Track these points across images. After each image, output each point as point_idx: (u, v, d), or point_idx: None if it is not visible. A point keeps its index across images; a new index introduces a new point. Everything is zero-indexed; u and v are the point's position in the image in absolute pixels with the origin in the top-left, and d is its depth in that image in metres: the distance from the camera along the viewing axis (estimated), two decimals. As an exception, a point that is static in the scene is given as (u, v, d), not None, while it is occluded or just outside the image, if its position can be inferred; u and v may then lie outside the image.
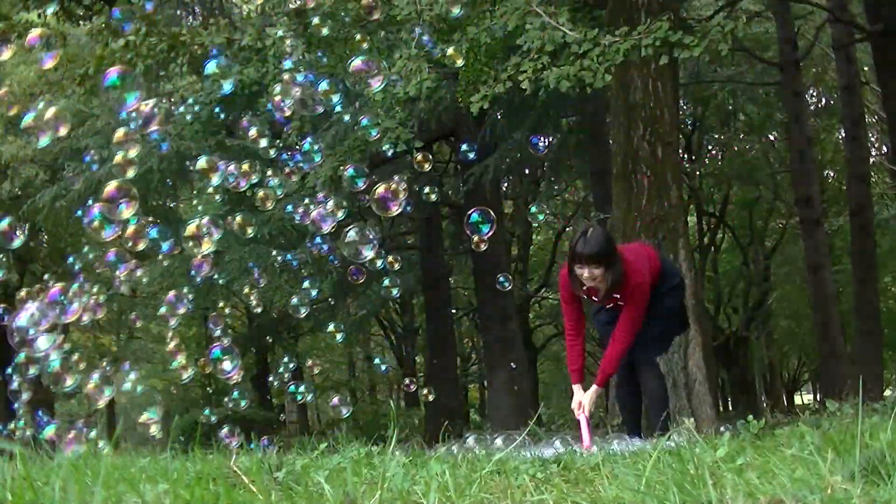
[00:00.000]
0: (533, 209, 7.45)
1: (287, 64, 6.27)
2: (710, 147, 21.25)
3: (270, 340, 19.69)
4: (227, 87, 4.51)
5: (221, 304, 9.32)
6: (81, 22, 12.67)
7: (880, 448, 1.89)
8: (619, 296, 4.43)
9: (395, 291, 7.02)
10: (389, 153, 7.15)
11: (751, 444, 2.91)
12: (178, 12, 12.46)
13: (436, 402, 14.74)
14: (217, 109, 8.11)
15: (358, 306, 18.11)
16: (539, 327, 24.38)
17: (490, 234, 4.76)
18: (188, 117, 7.75)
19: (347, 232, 3.67)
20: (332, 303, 15.76)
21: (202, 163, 4.45)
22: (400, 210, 4.12)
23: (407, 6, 5.70)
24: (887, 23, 10.04)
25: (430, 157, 6.08)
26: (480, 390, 28.09)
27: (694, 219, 19.96)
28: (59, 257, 20.83)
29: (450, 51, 5.66)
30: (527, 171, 14.33)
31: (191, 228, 3.63)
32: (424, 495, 1.96)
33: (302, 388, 6.79)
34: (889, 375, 24.17)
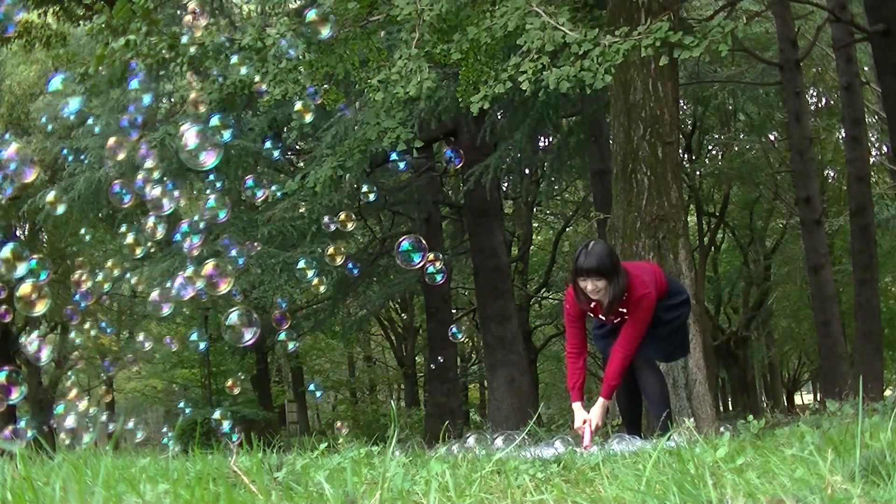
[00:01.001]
0: (454, 330, 7.46)
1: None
2: (710, 147, 21.26)
3: (271, 341, 19.67)
4: (74, 105, 4.38)
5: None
6: (81, 22, 12.66)
7: (880, 448, 1.89)
8: (624, 310, 4.46)
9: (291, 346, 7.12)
10: (396, 157, 7.15)
11: (751, 444, 2.91)
12: (179, 12, 12.45)
13: (436, 402, 14.76)
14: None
15: (358, 306, 18.11)
16: (539, 327, 24.38)
17: (421, 263, 4.72)
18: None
19: (230, 314, 3.64)
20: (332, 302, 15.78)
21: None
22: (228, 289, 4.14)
23: (407, 6, 5.70)
24: (887, 23, 10.04)
25: (353, 216, 6.03)
26: (480, 390, 28.10)
27: (694, 219, 19.97)
28: (59, 257, 20.86)
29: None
30: (527, 171, 14.33)
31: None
32: (424, 495, 1.96)
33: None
34: (889, 375, 24.17)
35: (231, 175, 11.38)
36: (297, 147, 14.20)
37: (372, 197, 7.98)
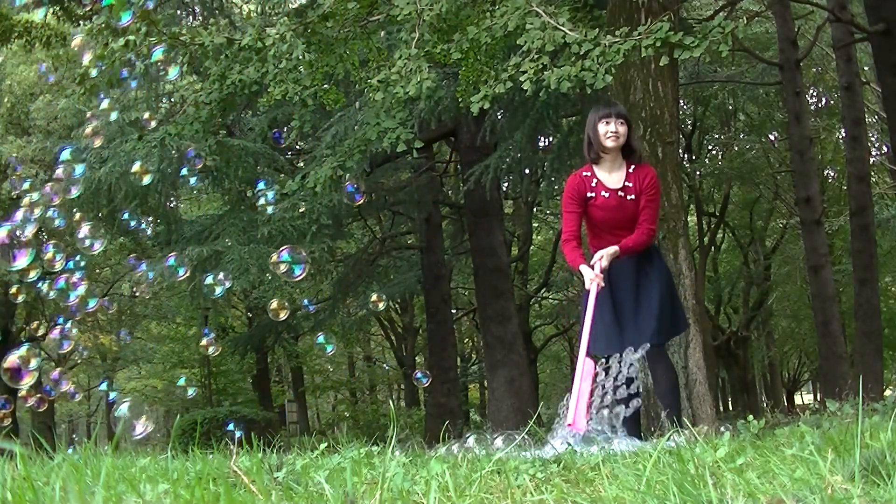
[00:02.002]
0: (321, 339, 7.42)
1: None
2: (710, 147, 21.26)
3: (270, 341, 19.69)
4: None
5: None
6: (81, 22, 12.66)
7: (880, 448, 1.89)
8: (630, 184, 4.52)
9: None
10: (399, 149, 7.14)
11: (751, 444, 2.91)
12: (178, 12, 12.45)
13: (436, 402, 14.76)
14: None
15: (358, 306, 18.12)
16: (539, 327, 24.38)
17: (302, 275, 4.69)
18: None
19: (120, 404, 3.63)
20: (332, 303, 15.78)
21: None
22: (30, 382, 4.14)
23: (407, 6, 5.70)
24: (887, 23, 10.04)
25: (286, 305, 5.98)
26: (480, 390, 28.11)
27: (694, 219, 19.97)
28: (59, 257, 20.84)
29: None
30: (527, 171, 14.33)
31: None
32: (424, 495, 1.96)
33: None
34: (889, 375, 24.17)
35: (231, 175, 11.39)
36: (298, 147, 14.21)
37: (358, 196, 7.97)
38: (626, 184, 4.53)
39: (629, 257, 4.53)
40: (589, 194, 4.56)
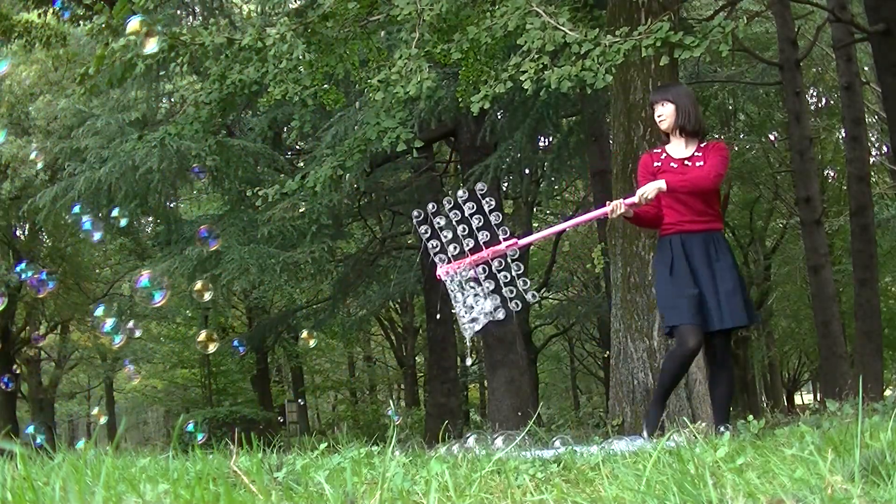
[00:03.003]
0: (390, 412, 7.32)
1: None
2: (710, 147, 21.22)
3: (270, 341, 19.70)
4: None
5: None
6: (81, 22, 12.67)
7: (880, 448, 1.89)
8: (699, 155, 4.51)
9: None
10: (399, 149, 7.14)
11: (751, 444, 2.91)
12: (178, 12, 12.45)
13: (436, 402, 14.76)
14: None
15: (358, 306, 18.11)
16: (539, 327, 24.37)
17: (162, 301, 4.65)
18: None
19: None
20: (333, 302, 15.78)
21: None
22: None
23: (407, 6, 5.70)
24: (887, 23, 10.04)
25: (214, 337, 5.95)
26: (480, 390, 28.10)
27: (694, 219, 19.94)
28: (59, 257, 20.88)
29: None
30: (527, 171, 14.33)
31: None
32: (424, 495, 1.96)
33: None
34: (889, 375, 24.16)
35: (231, 175, 11.39)
36: (298, 147, 14.21)
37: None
38: (696, 154, 4.54)
39: (700, 244, 4.47)
40: (656, 163, 4.56)
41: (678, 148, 4.59)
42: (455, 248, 3.83)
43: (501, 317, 3.82)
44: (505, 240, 3.86)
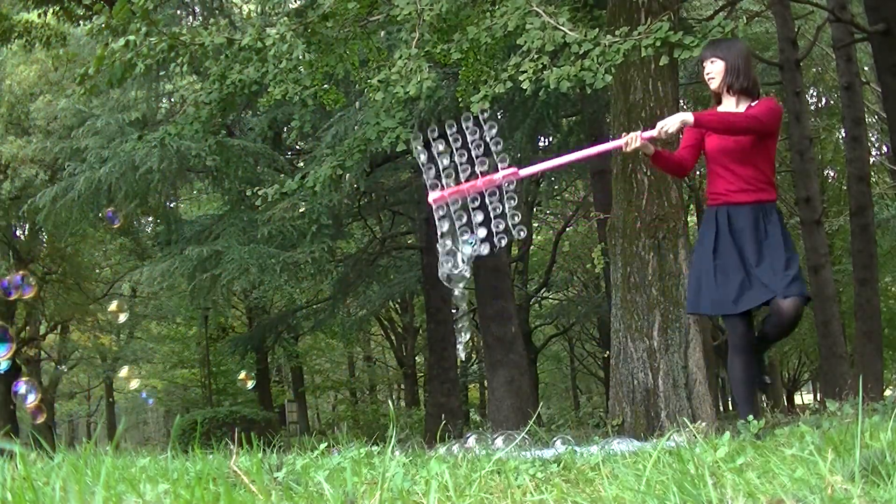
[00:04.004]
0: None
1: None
2: (710, 147, 21.23)
3: (270, 341, 19.69)
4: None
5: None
6: (81, 22, 12.67)
7: (880, 448, 1.89)
8: (753, 104, 4.23)
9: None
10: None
11: (751, 444, 2.91)
12: (178, 12, 12.46)
13: (436, 402, 14.76)
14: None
15: (358, 306, 18.11)
16: (539, 327, 24.38)
17: (7, 354, 4.59)
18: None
19: None
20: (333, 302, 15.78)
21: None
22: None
23: (407, 6, 5.70)
24: (887, 23, 10.04)
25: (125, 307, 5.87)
26: (480, 390, 28.10)
27: (694, 219, 19.96)
28: (59, 257, 20.88)
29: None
30: (527, 171, 14.32)
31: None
32: (424, 495, 1.96)
33: None
34: (889, 375, 24.16)
35: (231, 175, 11.39)
36: (298, 147, 14.21)
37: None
38: (750, 105, 4.25)
39: (749, 218, 4.18)
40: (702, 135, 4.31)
41: (729, 108, 4.29)
42: (451, 175, 3.57)
43: (485, 252, 3.58)
44: (503, 169, 3.63)
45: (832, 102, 19.37)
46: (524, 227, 3.62)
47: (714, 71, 4.26)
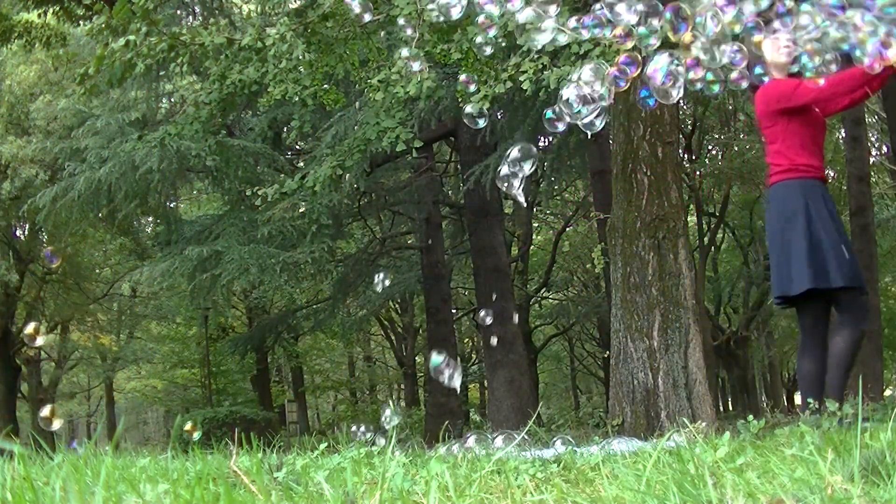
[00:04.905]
0: None
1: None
2: (710, 147, 21.25)
3: (271, 341, 19.70)
4: None
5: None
6: (81, 22, 12.67)
7: (880, 448, 1.89)
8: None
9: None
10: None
11: (751, 444, 2.91)
12: (178, 12, 12.45)
13: (436, 402, 14.76)
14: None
15: (358, 306, 18.11)
16: (539, 327, 24.38)
17: None
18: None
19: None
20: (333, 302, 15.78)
21: None
22: None
23: (407, 6, 5.70)
24: (887, 23, 10.03)
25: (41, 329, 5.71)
26: (480, 390, 28.10)
27: (694, 219, 19.97)
28: (59, 257, 20.86)
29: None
30: (527, 171, 14.32)
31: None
32: (424, 495, 1.96)
33: None
34: (889, 375, 24.18)
35: (231, 175, 11.39)
36: (298, 147, 14.21)
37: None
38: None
39: (800, 195, 4.02)
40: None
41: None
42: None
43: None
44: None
45: (832, 102, 19.32)
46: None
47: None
